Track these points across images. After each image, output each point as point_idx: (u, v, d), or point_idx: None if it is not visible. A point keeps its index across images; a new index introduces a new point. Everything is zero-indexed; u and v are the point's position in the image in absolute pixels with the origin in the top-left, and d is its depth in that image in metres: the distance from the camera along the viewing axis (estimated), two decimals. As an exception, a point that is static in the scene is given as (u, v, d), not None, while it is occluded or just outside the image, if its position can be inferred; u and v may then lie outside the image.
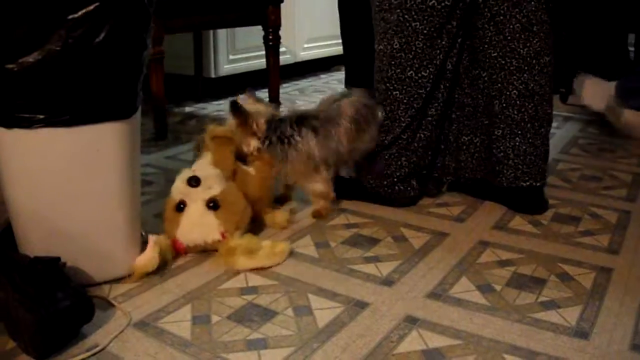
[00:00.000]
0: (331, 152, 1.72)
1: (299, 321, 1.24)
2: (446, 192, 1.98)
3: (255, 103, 1.77)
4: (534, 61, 1.69)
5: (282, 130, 1.69)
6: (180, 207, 1.56)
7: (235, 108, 1.69)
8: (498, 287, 1.38)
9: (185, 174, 1.59)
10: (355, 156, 1.83)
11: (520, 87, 1.70)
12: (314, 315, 1.26)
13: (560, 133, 2.82)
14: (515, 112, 1.73)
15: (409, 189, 1.85)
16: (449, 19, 1.66)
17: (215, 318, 1.31)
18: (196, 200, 1.55)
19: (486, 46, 1.70)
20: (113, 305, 1.37)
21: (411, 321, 1.24)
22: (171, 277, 1.49)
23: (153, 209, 1.87)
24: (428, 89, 1.72)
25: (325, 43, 4.28)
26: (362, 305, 1.30)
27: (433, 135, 1.80)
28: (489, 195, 1.91)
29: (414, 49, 1.67)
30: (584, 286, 1.41)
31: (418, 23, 1.65)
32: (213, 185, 1.57)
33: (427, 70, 1.69)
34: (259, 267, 1.49)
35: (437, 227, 1.72)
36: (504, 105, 1.73)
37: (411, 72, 1.70)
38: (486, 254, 1.56)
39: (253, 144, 1.69)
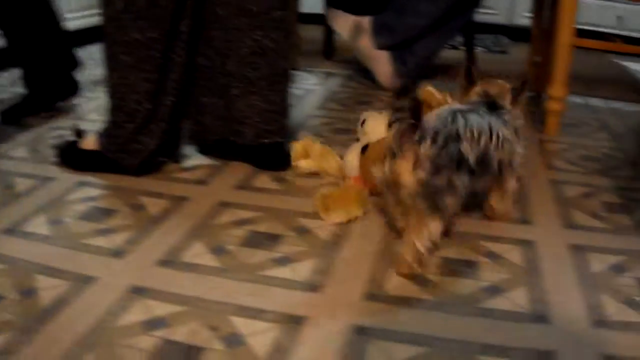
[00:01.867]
0: None
1: (23, 303, 1.14)
2: (193, 156, 1.85)
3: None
4: (265, 17, 1.66)
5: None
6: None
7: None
8: (232, 248, 1.34)
9: (364, 115, 1.70)
10: None
11: (252, 44, 1.67)
12: (38, 295, 1.16)
13: (320, 89, 2.73)
14: (250, 70, 1.70)
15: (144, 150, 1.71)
16: None
17: None
18: (362, 141, 1.63)
19: (216, 5, 1.66)
20: None
21: (138, 291, 1.17)
22: None
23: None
24: (160, 51, 1.63)
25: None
26: (88, 280, 1.21)
27: (179, 100, 1.73)
28: (234, 155, 1.81)
29: (136, 9, 1.58)
30: (322, 238, 1.38)
31: None
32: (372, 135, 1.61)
33: (155, 32, 1.61)
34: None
35: (177, 192, 1.60)
36: (238, 63, 1.70)
37: (136, 34, 1.60)
38: (225, 215, 1.49)
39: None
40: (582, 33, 2.31)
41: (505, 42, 3.99)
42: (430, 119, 1.18)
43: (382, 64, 2.67)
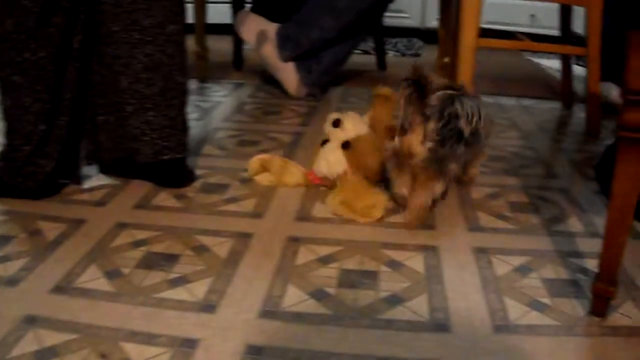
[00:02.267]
0: None
1: None
2: (94, 177, 1.79)
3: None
4: (158, 31, 1.63)
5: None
6: (323, 143, 1.70)
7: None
8: (127, 271, 1.30)
9: (332, 116, 1.72)
10: None
11: (145, 59, 1.64)
12: None
13: (228, 101, 2.71)
14: (144, 86, 1.66)
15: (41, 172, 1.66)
16: None
17: None
18: (335, 140, 1.68)
19: (107, 21, 1.62)
20: None
21: (29, 321, 1.13)
22: None
23: None
24: (52, 70, 1.59)
25: None
26: None
27: (75, 120, 1.69)
28: (134, 174, 1.77)
29: (26, 29, 1.55)
30: (219, 256, 1.36)
31: (28, 1, 1.52)
32: (351, 130, 1.68)
33: (46, 51, 1.57)
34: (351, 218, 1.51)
35: (75, 215, 1.55)
36: (131, 80, 1.65)
37: (28, 54, 1.57)
38: (122, 236, 1.45)
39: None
40: (494, 33, 2.30)
41: (419, 45, 4.01)
42: (434, 100, 1.41)
43: (288, 73, 2.66)
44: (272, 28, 2.66)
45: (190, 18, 2.92)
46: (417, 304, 1.18)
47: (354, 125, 1.69)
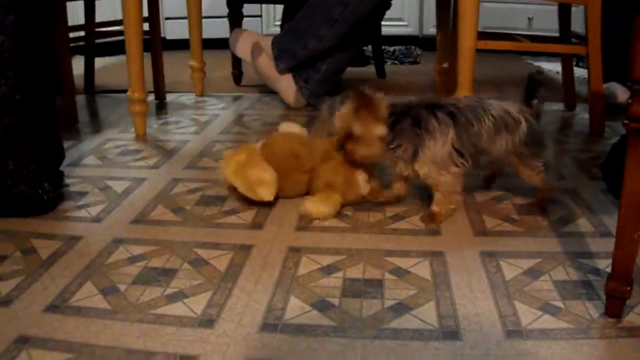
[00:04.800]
0: (468, 145, 1.52)
1: None
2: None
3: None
4: None
5: (416, 113, 1.52)
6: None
7: (357, 91, 1.53)
8: (123, 287, 1.29)
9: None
10: (482, 161, 1.59)
11: None
12: None
13: (226, 113, 2.71)
14: None
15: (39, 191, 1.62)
16: None
17: None
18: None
19: None
20: None
21: (22, 341, 1.12)
22: None
23: None
24: None
25: None
26: None
27: None
28: None
29: None
30: (218, 269, 1.34)
31: None
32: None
33: None
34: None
35: (71, 232, 1.54)
36: None
37: None
38: (118, 252, 1.44)
39: (378, 130, 1.51)
40: (492, 36, 2.29)
41: (417, 53, 3.99)
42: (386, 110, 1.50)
43: (285, 84, 2.64)
44: (266, 40, 2.66)
45: (186, 33, 2.96)
46: (425, 311, 1.16)
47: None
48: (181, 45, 3.53)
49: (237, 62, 3.20)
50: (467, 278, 1.26)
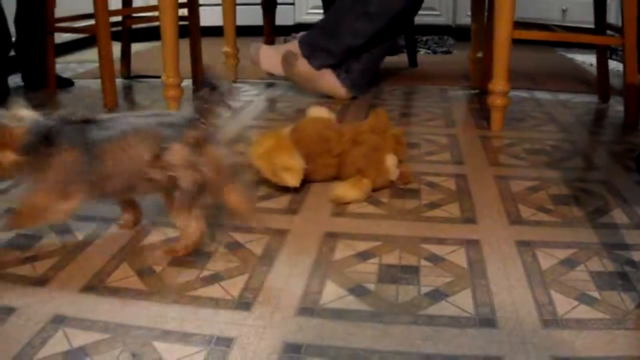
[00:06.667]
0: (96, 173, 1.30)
1: None
2: None
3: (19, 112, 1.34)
4: None
5: (49, 135, 1.30)
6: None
7: None
8: (159, 269, 1.29)
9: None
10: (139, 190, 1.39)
11: None
12: None
13: (259, 100, 2.71)
14: None
15: None
16: None
17: None
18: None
19: None
20: None
21: (59, 321, 1.12)
22: None
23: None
24: None
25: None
26: (7, 312, 1.16)
27: None
28: None
29: None
30: (254, 253, 1.34)
31: None
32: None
33: None
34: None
35: (106, 214, 1.53)
36: None
37: None
38: (153, 234, 1.44)
39: (8, 156, 1.30)
40: (527, 27, 2.28)
41: (450, 43, 3.98)
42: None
43: (327, 79, 2.60)
44: (293, 45, 2.62)
45: (218, 20, 2.97)
46: (461, 298, 1.15)
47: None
48: (213, 32, 3.53)
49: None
50: (503, 266, 1.26)
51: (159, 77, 2.35)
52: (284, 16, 4.20)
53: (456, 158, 1.92)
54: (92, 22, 2.51)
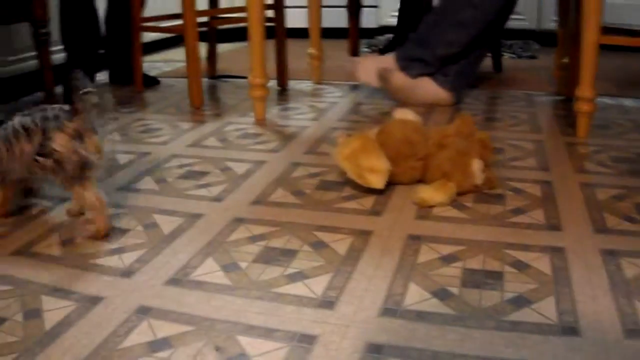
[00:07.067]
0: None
1: (27, 326, 1.13)
2: None
3: None
4: None
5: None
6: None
7: None
8: (244, 265, 1.31)
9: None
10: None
11: None
12: (43, 317, 1.15)
13: (344, 102, 2.73)
14: None
15: None
16: None
17: None
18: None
19: None
20: None
21: (143, 312, 1.16)
22: None
23: None
24: None
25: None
26: (95, 300, 1.20)
27: None
28: None
29: None
30: (338, 253, 1.34)
31: None
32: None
33: None
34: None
35: (192, 210, 1.59)
36: None
37: None
38: (239, 231, 1.46)
39: None
40: (616, 32, 2.24)
41: (535, 48, 3.93)
42: None
43: (426, 86, 2.56)
44: (389, 59, 2.60)
45: (302, 22, 3.00)
46: (545, 306, 1.14)
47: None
48: (298, 33, 3.56)
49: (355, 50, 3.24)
50: (587, 275, 1.24)
51: (243, 77, 2.39)
52: (367, 19, 4.22)
53: (541, 164, 1.90)
54: (177, 22, 2.58)
